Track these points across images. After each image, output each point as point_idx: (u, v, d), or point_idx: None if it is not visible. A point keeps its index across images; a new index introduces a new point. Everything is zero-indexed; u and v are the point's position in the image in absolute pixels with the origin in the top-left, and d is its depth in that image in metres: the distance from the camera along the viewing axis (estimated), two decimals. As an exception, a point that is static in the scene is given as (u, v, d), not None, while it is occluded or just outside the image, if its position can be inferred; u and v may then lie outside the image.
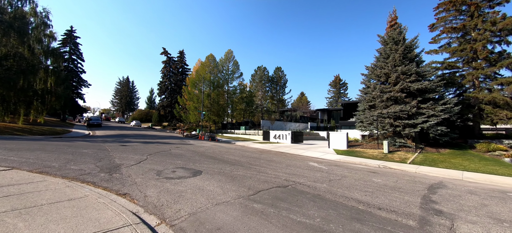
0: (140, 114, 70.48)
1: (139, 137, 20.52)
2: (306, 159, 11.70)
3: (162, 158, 9.08)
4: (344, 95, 79.58)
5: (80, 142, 13.71)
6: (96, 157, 8.44)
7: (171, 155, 10.15)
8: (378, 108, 18.52)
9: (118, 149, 11.18)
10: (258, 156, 11.78)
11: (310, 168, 8.68)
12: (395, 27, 20.12)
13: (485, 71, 18.69)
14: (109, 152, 9.87)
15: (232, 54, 39.57)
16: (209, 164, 8.31)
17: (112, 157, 8.69)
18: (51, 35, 24.56)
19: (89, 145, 12.09)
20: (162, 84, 46.59)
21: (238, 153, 12.58)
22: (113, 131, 28.27)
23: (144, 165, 7.58)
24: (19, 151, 8.86)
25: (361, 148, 17.49)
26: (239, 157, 10.85)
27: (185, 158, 9.53)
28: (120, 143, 14.22)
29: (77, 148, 10.53)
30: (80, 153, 9.27)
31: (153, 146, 13.15)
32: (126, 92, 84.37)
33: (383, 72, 18.51)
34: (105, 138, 18.06)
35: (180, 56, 49.34)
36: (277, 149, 17.16)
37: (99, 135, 21.84)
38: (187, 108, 36.48)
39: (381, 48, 20.13)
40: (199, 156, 10.37)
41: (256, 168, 8.13)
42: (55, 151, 9.43)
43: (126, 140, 16.90)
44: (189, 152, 11.67)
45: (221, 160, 9.43)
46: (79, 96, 41.83)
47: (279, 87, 51.48)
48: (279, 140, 23.42)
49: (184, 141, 19.28)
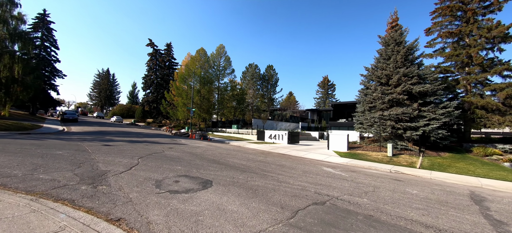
0: (121, 110, 66.22)
1: (123, 135, 18.47)
2: (316, 163, 10.78)
3: (157, 162, 7.63)
4: (332, 96, 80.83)
5: (52, 140, 11.68)
6: (73, 161, 6.81)
7: (167, 158, 8.70)
8: (379, 110, 18.17)
9: (101, 149, 9.47)
10: (264, 159, 10.65)
11: (330, 175, 7.72)
12: (396, 28, 19.91)
13: (479, 77, 19.04)
14: (90, 154, 8.20)
15: (224, 50, 37.93)
16: (215, 171, 7.04)
17: (95, 161, 7.10)
18: (19, 17, 21.48)
19: (64, 144, 10.20)
20: (147, 78, 43.61)
21: (241, 155, 11.35)
22: (92, 127, 25.61)
23: (137, 172, 6.14)
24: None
25: (362, 150, 17.01)
26: (245, 160, 9.65)
27: (185, 162, 8.14)
28: (102, 141, 12.36)
29: (48, 148, 8.69)
30: (53, 155, 7.53)
31: (142, 146, 11.50)
32: (106, 85, 78.92)
33: (384, 73, 18.16)
34: (83, 136, 15.90)
35: (167, 49, 46.61)
36: (277, 150, 16.14)
37: (75, 132, 19.41)
38: (174, 105, 34.32)
39: (381, 49, 19.83)
40: (199, 159, 9.01)
41: (272, 175, 7.00)
42: (20, 152, 7.59)
43: (108, 138, 14.93)
44: (186, 154, 10.24)
45: (226, 165, 8.18)
46: (52, 87, 37.83)
47: (270, 85, 50.63)
48: (275, 140, 22.46)
49: (174, 140, 17.60)
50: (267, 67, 50.22)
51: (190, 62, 33.70)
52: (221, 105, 35.67)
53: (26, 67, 19.14)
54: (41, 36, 35.46)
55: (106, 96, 78.52)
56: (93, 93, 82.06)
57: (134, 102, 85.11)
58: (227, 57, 37.78)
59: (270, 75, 49.90)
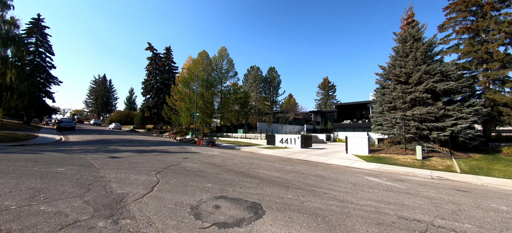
0: (119, 116, 64.57)
1: (127, 143, 17.11)
2: (351, 171, 9.61)
3: (179, 178, 6.40)
4: (332, 98, 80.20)
5: (51, 153, 10.33)
6: (81, 182, 5.54)
7: (188, 172, 7.46)
8: (399, 110, 17.18)
9: (109, 163, 8.19)
10: (293, 168, 9.46)
11: (384, 188, 6.56)
12: (413, 24, 19.10)
13: (500, 73, 18.26)
14: (98, 170, 6.92)
15: (226, 52, 36.84)
16: (254, 188, 5.84)
17: (106, 180, 5.84)
18: (12, 21, 20.08)
19: (65, 158, 8.88)
20: (147, 82, 42.17)
21: (265, 164, 10.15)
22: (91, 135, 24.14)
23: (162, 195, 4.91)
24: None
25: (384, 153, 15.93)
26: (274, 171, 8.45)
27: (211, 176, 6.93)
28: (106, 153, 11.05)
29: (47, 165, 7.38)
30: (54, 174, 6.24)
31: (153, 157, 10.23)
32: (102, 92, 77.11)
33: (403, 71, 17.22)
34: (84, 146, 14.53)
35: (166, 53, 45.36)
36: (294, 156, 14.96)
37: (74, 141, 17.98)
38: (177, 110, 33.01)
39: (397, 47, 18.94)
40: (225, 171, 7.79)
41: (323, 191, 5.82)
42: (14, 171, 6.29)
43: (112, 148, 13.60)
44: (206, 165, 9.01)
45: (260, 178, 6.98)
46: (47, 95, 36.19)
47: (273, 88, 49.65)
48: (287, 144, 21.29)
49: (183, 147, 16.31)
50: (269, 70, 49.30)
51: (192, 66, 32.51)
52: (224, 109, 34.44)
53: (20, 74, 17.76)
54: (36, 41, 33.97)
55: (103, 103, 76.68)
56: (89, 100, 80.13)
57: (131, 108, 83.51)
58: (230, 59, 36.71)
59: (272, 77, 48.95)
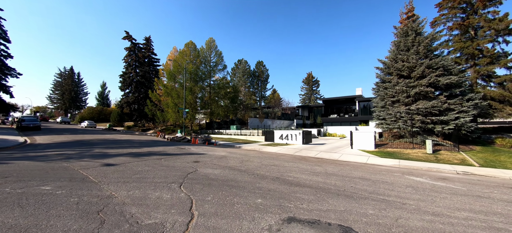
0: (91, 113, 58.68)
1: (113, 145, 14.78)
2: (382, 170, 8.88)
3: (214, 193, 4.98)
4: (316, 92, 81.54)
5: (20, 162, 8.07)
6: (83, 209, 3.87)
7: (216, 181, 6.04)
8: (402, 104, 17.15)
9: (107, 174, 6.40)
10: (323, 169, 8.45)
11: (451, 192, 5.81)
12: (414, 18, 19.15)
13: (489, 69, 19.17)
14: (99, 186, 5.20)
15: (214, 44, 34.65)
16: (320, 202, 4.66)
17: (117, 202, 4.23)
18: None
19: (44, 169, 6.84)
20: (125, 75, 38.11)
21: (294, 166, 8.98)
22: (63, 136, 20.88)
23: (211, 223, 3.51)
24: None
25: (390, 148, 15.78)
26: (313, 174, 7.35)
27: (249, 186, 5.59)
28: (95, 159, 9.02)
29: (23, 181, 5.42)
30: (38, 196, 4.42)
31: (158, 163, 8.51)
32: (69, 86, 69.24)
33: (406, 66, 17.15)
34: (61, 149, 12.04)
35: (146, 44, 41.51)
36: (304, 152, 14.06)
37: (45, 144, 15.11)
38: (162, 105, 30.31)
39: (398, 41, 18.88)
40: (258, 178, 6.49)
41: (394, 200, 4.85)
42: (-28, 194, 4.34)
43: (98, 151, 11.39)
44: (228, 170, 7.59)
45: (309, 186, 5.82)
46: (3, 89, 30.90)
47: (261, 82, 48.49)
48: (288, 140, 20.41)
49: (181, 148, 14.50)
50: (257, 64, 47.94)
51: (179, 57, 29.92)
52: (214, 104, 32.50)
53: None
54: (-15, 25, 28.57)
55: (70, 99, 68.99)
56: (54, 96, 71.59)
57: (104, 104, 76.69)
58: (219, 52, 34.60)
59: (261, 71, 47.75)
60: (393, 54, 18.66)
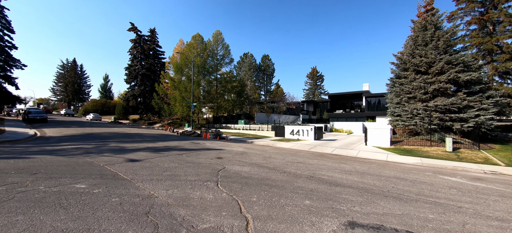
0: (94, 106, 58.52)
1: (126, 139, 14.57)
2: (410, 169, 8.60)
3: (256, 193, 4.73)
4: (320, 87, 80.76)
5: (42, 156, 7.83)
6: (129, 211, 3.60)
7: (251, 179, 5.79)
8: (419, 101, 16.78)
9: (136, 171, 6.16)
10: (354, 167, 8.17)
11: (500, 194, 5.55)
12: (433, 11, 18.55)
13: (508, 65, 18.67)
14: (135, 185, 4.95)
15: (221, 36, 34.07)
16: (372, 205, 4.39)
17: (161, 203, 3.97)
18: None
19: (69, 165, 6.60)
20: (131, 68, 37.64)
21: (320, 163, 8.72)
22: (72, 129, 20.70)
23: (270, 228, 3.27)
24: None
25: (407, 145, 15.49)
26: (345, 173, 7.09)
27: (287, 186, 5.34)
28: (115, 153, 8.79)
29: (54, 178, 5.16)
30: (76, 196, 4.16)
31: (181, 159, 8.25)
32: (73, 78, 68.89)
33: (424, 61, 16.70)
34: (75, 143, 11.83)
35: (151, 36, 40.87)
36: (319, 149, 13.81)
37: (57, 137, 14.92)
38: (169, 99, 30.00)
39: (415, 35, 18.34)
40: (292, 177, 6.24)
41: (447, 203, 4.57)
42: (10, 196, 4.06)
43: (114, 145, 11.18)
44: (257, 167, 7.34)
45: (349, 186, 5.56)
46: (8, 80, 30.60)
47: (267, 76, 47.97)
48: (299, 136, 20.14)
49: (195, 143, 14.27)
50: (262, 57, 47.34)
51: (186, 50, 29.42)
52: (220, 99, 32.17)
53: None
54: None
55: (73, 91, 68.77)
56: (57, 88, 71.33)
57: (107, 96, 76.61)
58: (226, 44, 34.06)
59: (266, 65, 47.17)
60: (410, 49, 18.16)
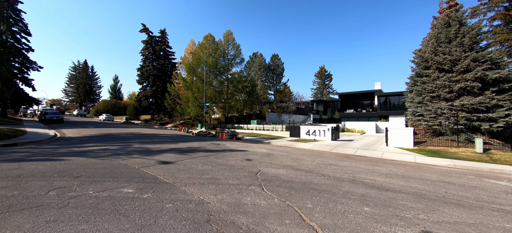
0: (106, 106, 59.48)
1: (147, 140, 14.59)
2: (449, 172, 8.20)
3: (313, 199, 4.49)
4: (329, 87, 79.83)
5: (74, 158, 7.81)
6: (193, 221, 3.41)
7: (294, 183, 5.55)
8: (443, 100, 16.20)
9: (174, 173, 6.02)
10: (391, 170, 7.85)
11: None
12: (457, 7, 17.89)
13: (536, 62, 17.82)
14: (181, 189, 4.78)
15: (232, 36, 33.92)
16: (431, 212, 4.09)
17: (218, 210, 3.78)
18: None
19: (106, 167, 6.52)
20: (143, 69, 38.03)
21: (351, 166, 8.43)
22: (90, 129, 20.95)
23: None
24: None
25: (431, 146, 14.96)
26: (383, 176, 6.78)
27: (335, 190, 5.07)
28: (144, 156, 8.71)
29: (98, 181, 5.06)
30: (129, 201, 4.00)
31: (211, 160, 8.10)
32: (84, 79, 70.30)
33: (448, 59, 16.09)
34: (99, 144, 11.88)
35: (161, 37, 41.18)
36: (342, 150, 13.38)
37: (77, 137, 15.07)
38: (181, 99, 30.10)
39: (437, 32, 17.73)
40: (333, 180, 5.97)
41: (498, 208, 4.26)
42: (63, 202, 3.91)
43: (138, 147, 11.15)
44: (291, 170, 7.10)
45: (399, 191, 5.25)
46: (25, 82, 31.32)
47: (276, 76, 47.67)
48: (315, 136, 19.79)
49: (215, 144, 14.15)
50: (272, 57, 47.07)
51: (198, 50, 29.45)
52: (232, 99, 32.07)
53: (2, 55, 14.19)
54: (7, 18, 28.73)
55: (85, 92, 70.15)
56: (69, 89, 72.87)
57: (117, 97, 77.75)
58: (237, 44, 33.90)
59: (276, 65, 46.86)
60: (432, 47, 17.55)
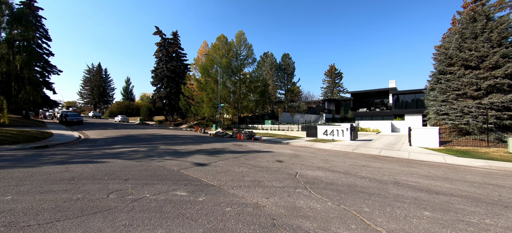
0: (119, 108, 61.04)
1: (170, 141, 14.84)
2: (492, 174, 7.85)
3: (366, 202, 4.40)
4: (339, 85, 78.68)
5: (112, 161, 8.01)
6: (260, 226, 3.42)
7: (344, 188, 5.48)
8: (470, 98, 15.61)
9: (218, 177, 6.05)
10: (426, 171, 7.62)
11: None
12: (483, 1, 17.20)
13: None
14: (230, 192, 4.80)
15: (244, 36, 33.98)
16: (496, 217, 3.91)
17: (276, 214, 3.75)
18: (4, 1, 16.62)
19: (146, 169, 6.62)
20: (157, 71, 38.78)
21: (389, 168, 8.23)
22: (110, 131, 21.52)
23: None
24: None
25: (458, 145, 14.45)
26: (424, 178, 6.57)
27: (383, 192, 4.94)
28: (177, 157, 8.82)
29: (149, 185, 5.15)
30: (186, 204, 4.05)
31: (242, 162, 8.11)
32: (98, 82, 72.37)
33: (475, 55, 15.49)
34: (126, 145, 12.18)
35: (173, 39, 41.83)
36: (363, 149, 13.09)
37: (99, 138, 15.50)
38: (194, 100, 30.45)
39: (461, 28, 17.10)
40: (375, 182, 5.83)
41: None
42: (125, 207, 4.06)
43: (165, 148, 11.35)
44: (331, 173, 7.01)
45: (439, 192, 5.06)
46: (46, 86, 32.57)
47: (287, 75, 47.43)
48: (333, 136, 19.53)
49: (237, 144, 14.22)
50: (283, 56, 46.85)
51: (211, 51, 29.69)
52: (245, 99, 32.14)
53: (30, 60, 14.78)
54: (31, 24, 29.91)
55: (99, 94, 72.19)
56: (84, 91, 75.23)
57: (129, 98, 79.44)
58: (249, 45, 33.93)
59: (287, 64, 46.61)
60: (456, 43, 16.95)
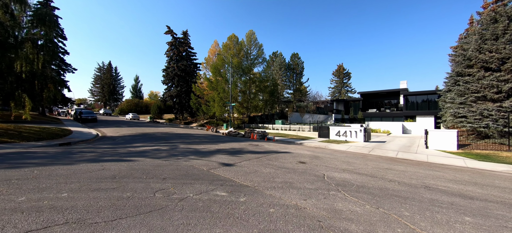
0: (129, 105, 62.17)
1: (186, 140, 15.10)
2: None
3: (404, 206, 4.44)
4: (347, 85, 77.86)
5: (142, 160, 8.22)
6: (310, 228, 3.54)
7: (376, 191, 5.51)
8: (490, 101, 15.28)
9: (250, 178, 6.17)
10: (453, 175, 7.56)
11: None
12: (505, 2, 16.77)
13: None
14: (266, 193, 4.89)
15: (254, 36, 34.08)
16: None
17: (320, 217, 3.83)
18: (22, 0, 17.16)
19: (176, 168, 6.79)
20: (168, 70, 39.35)
21: (412, 171, 8.17)
22: (125, 129, 22.01)
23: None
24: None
25: (477, 149, 14.18)
26: (453, 183, 6.52)
27: (418, 197, 4.94)
28: (201, 157, 8.99)
29: (188, 185, 5.30)
30: (231, 204, 4.17)
31: (271, 164, 8.20)
32: (108, 80, 73.88)
33: (495, 57, 15.13)
34: (144, 144, 12.48)
35: (184, 38, 42.28)
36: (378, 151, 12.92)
37: (116, 136, 15.90)
38: (205, 99, 30.76)
39: (480, 29, 16.72)
40: (405, 186, 5.84)
41: None
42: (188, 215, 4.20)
43: (185, 147, 11.58)
44: (358, 175, 7.02)
45: (474, 198, 5.03)
46: (62, 84, 33.45)
47: (296, 75, 47.29)
48: (346, 137, 19.44)
49: (253, 144, 14.35)
50: (292, 56, 46.77)
51: (223, 51, 29.90)
52: (255, 98, 32.26)
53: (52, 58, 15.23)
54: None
55: (109, 92, 73.69)
56: (94, 89, 76.92)
57: (138, 96, 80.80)
58: (259, 44, 34.01)
59: (296, 64, 46.47)
60: (475, 44, 16.59)
